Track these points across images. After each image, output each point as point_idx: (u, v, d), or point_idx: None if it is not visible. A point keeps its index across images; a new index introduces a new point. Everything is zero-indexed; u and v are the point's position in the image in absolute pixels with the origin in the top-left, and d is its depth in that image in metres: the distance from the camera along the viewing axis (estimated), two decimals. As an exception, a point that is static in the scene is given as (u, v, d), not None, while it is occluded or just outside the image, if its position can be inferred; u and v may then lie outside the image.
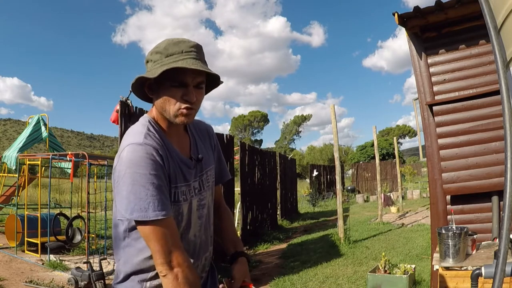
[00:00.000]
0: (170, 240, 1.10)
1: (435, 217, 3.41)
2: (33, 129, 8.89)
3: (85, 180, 6.87)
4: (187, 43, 1.17)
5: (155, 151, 1.13)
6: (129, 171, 1.09)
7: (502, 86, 0.99)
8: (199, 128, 1.41)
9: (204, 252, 1.33)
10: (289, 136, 60.38)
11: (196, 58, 1.15)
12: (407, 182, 20.82)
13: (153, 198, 1.08)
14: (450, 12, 3.21)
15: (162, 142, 1.19)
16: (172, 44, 1.15)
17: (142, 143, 1.13)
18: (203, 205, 1.31)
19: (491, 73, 3.20)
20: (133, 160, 1.10)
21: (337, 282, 4.75)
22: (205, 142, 1.40)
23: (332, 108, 7.69)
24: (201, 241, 1.31)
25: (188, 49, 1.15)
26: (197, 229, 1.29)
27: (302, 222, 11.41)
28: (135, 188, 1.08)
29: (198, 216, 1.29)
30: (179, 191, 1.21)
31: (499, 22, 1.03)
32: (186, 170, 1.25)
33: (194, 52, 1.16)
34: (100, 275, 4.51)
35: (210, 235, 1.37)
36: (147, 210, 1.07)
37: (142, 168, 1.09)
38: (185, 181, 1.23)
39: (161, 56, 1.15)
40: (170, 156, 1.20)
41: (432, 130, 3.44)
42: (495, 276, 0.98)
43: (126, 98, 4.49)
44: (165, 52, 1.14)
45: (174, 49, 1.14)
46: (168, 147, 1.21)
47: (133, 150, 1.11)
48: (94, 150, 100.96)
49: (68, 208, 8.51)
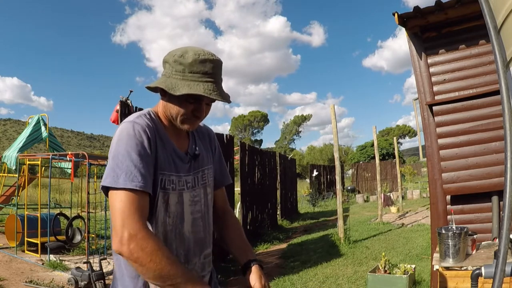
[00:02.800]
0: (130, 212, 1.07)
1: (435, 217, 3.41)
2: (33, 129, 8.89)
3: (85, 180, 6.87)
4: (211, 62, 1.18)
5: (143, 130, 1.17)
6: (115, 143, 1.16)
7: (502, 86, 0.99)
8: (200, 130, 1.45)
9: (202, 250, 1.32)
10: (289, 136, 60.39)
11: (216, 82, 1.19)
12: (407, 182, 20.83)
13: (127, 169, 1.11)
14: (450, 12, 3.21)
15: (158, 130, 1.23)
16: (198, 62, 1.16)
17: (132, 121, 1.18)
18: (197, 201, 1.31)
19: (491, 73, 3.20)
20: (120, 135, 1.16)
21: (337, 282, 4.75)
22: (205, 143, 1.42)
23: (332, 108, 7.69)
24: (197, 239, 1.30)
25: (211, 71, 1.18)
26: (190, 225, 1.28)
27: (302, 222, 11.42)
28: (115, 159, 1.13)
29: (191, 211, 1.29)
30: (167, 179, 1.22)
31: (499, 22, 1.03)
32: (178, 162, 1.27)
33: (215, 74, 1.19)
34: (100, 275, 4.51)
35: (209, 233, 1.36)
36: (118, 178, 1.10)
37: (125, 141, 1.14)
38: (176, 171, 1.25)
39: (184, 70, 1.17)
40: (162, 143, 1.23)
41: (432, 130, 3.44)
42: (495, 276, 0.98)
43: (126, 98, 4.49)
44: (189, 68, 1.16)
45: (198, 68, 1.16)
46: (162, 135, 1.25)
47: (123, 127, 1.18)
48: (94, 150, 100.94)
49: (68, 208, 8.51)
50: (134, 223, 1.07)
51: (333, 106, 7.69)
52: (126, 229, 1.06)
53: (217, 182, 1.46)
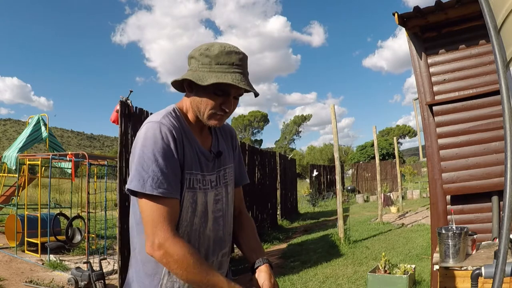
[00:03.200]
0: (160, 220, 1.10)
1: (435, 217, 3.41)
2: (33, 129, 8.89)
3: (85, 180, 6.87)
4: (237, 54, 1.19)
5: (169, 132, 1.16)
6: (139, 146, 1.14)
7: (502, 86, 0.98)
8: (223, 129, 1.44)
9: (221, 249, 1.32)
10: (289, 136, 60.38)
11: (244, 73, 1.19)
12: (407, 182, 20.84)
13: (153, 174, 1.10)
14: (450, 12, 3.20)
15: (183, 128, 1.23)
16: (225, 53, 1.17)
17: (158, 122, 1.17)
18: (218, 200, 1.31)
19: (491, 73, 3.20)
20: (145, 137, 1.14)
21: (337, 282, 4.75)
22: (227, 142, 1.42)
23: (332, 108, 7.69)
24: (217, 237, 1.31)
25: (238, 62, 1.18)
26: (212, 223, 1.29)
27: (302, 222, 11.42)
28: (141, 162, 1.12)
29: (213, 210, 1.29)
30: (194, 178, 1.22)
31: (499, 22, 1.03)
32: (203, 160, 1.27)
33: (242, 66, 1.19)
34: (100, 275, 4.51)
35: (229, 233, 1.37)
36: (145, 183, 1.10)
37: (151, 144, 1.12)
38: (201, 170, 1.25)
39: (210, 62, 1.17)
40: (189, 142, 1.23)
41: (432, 130, 3.44)
42: (495, 276, 0.98)
43: (126, 98, 4.49)
44: (216, 59, 1.17)
45: (225, 59, 1.17)
46: (188, 134, 1.24)
47: (148, 128, 1.16)
48: (94, 150, 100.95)
49: (68, 208, 8.52)
50: (163, 232, 1.10)
51: (333, 106, 7.70)
52: (156, 236, 1.10)
53: (237, 181, 1.46)
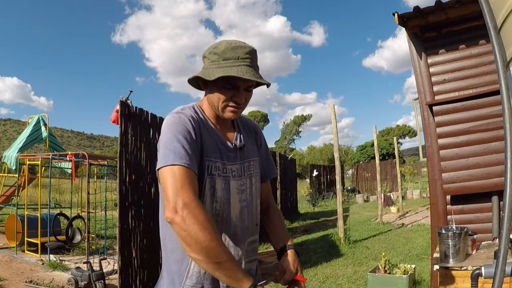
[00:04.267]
0: (182, 184, 1.12)
1: (435, 217, 3.41)
2: (33, 129, 8.89)
3: (85, 180, 6.87)
4: (243, 48, 1.25)
5: (188, 119, 1.24)
6: (162, 134, 1.24)
7: (502, 86, 0.98)
8: (247, 125, 1.51)
9: (248, 237, 1.35)
10: (289, 136, 60.39)
11: (250, 65, 1.24)
12: (407, 182, 20.84)
13: (175, 149, 1.17)
14: (450, 12, 3.20)
15: (202, 121, 1.31)
16: (230, 48, 1.24)
17: (178, 112, 1.27)
18: (243, 190, 1.35)
19: (491, 73, 3.20)
20: (167, 123, 1.24)
21: (337, 282, 4.75)
22: (250, 137, 1.48)
23: (332, 108, 7.69)
24: (244, 226, 1.34)
25: (244, 56, 1.24)
26: (238, 212, 1.32)
27: (302, 222, 11.41)
28: (164, 143, 1.20)
29: (239, 199, 1.33)
30: (213, 165, 1.27)
31: (499, 22, 1.03)
32: (223, 150, 1.32)
33: (249, 59, 1.25)
34: (100, 275, 4.51)
35: (256, 223, 1.40)
36: (167, 157, 1.16)
37: (171, 128, 1.22)
38: (221, 159, 1.30)
39: (218, 58, 1.24)
40: (208, 132, 1.30)
41: (432, 130, 3.44)
42: (495, 276, 0.98)
43: (126, 98, 4.49)
44: (222, 55, 1.24)
45: (231, 54, 1.23)
46: (207, 125, 1.32)
47: (169, 118, 1.26)
48: (94, 150, 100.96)
49: (68, 208, 8.52)
50: (188, 193, 1.11)
51: (333, 106, 7.69)
52: (180, 197, 1.09)
53: (264, 175, 1.51)
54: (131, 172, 4.41)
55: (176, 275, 1.26)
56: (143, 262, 4.46)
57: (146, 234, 4.55)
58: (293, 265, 1.33)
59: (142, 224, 4.52)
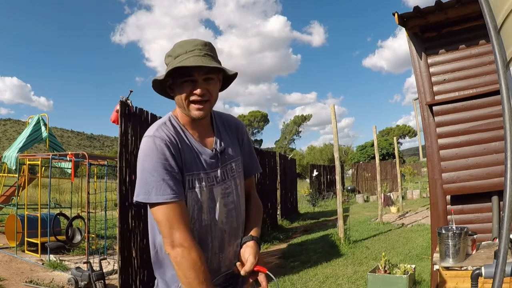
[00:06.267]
0: (174, 222, 1.19)
1: (435, 217, 3.41)
2: (33, 129, 8.89)
3: (85, 180, 6.87)
4: (190, 43, 1.26)
5: (164, 142, 1.24)
6: (140, 160, 1.25)
7: (502, 86, 0.98)
8: (228, 122, 1.49)
9: (236, 239, 1.38)
10: (289, 136, 60.37)
11: (198, 55, 1.24)
12: (407, 182, 20.84)
13: (156, 184, 1.20)
14: (450, 12, 3.20)
15: (180, 134, 1.31)
16: (178, 46, 1.27)
17: (152, 135, 1.26)
18: (229, 193, 1.37)
19: (491, 73, 3.20)
20: (144, 151, 1.25)
21: (337, 282, 4.75)
22: (232, 135, 1.46)
23: (332, 108, 7.69)
24: (231, 229, 1.36)
25: (191, 48, 1.25)
26: (224, 216, 1.35)
27: (302, 222, 11.41)
28: (143, 175, 1.22)
29: (224, 203, 1.35)
30: (195, 179, 1.29)
31: (499, 22, 1.03)
32: (205, 159, 1.33)
33: (198, 50, 1.25)
34: (100, 275, 4.51)
35: (242, 223, 1.42)
36: (150, 194, 1.20)
37: (149, 157, 1.23)
38: (203, 169, 1.32)
39: (171, 59, 1.27)
40: (187, 145, 1.30)
41: (432, 130, 3.44)
42: (495, 276, 0.98)
43: (126, 98, 4.49)
44: (173, 54, 1.27)
45: (179, 51, 1.25)
46: (184, 138, 1.32)
47: (145, 142, 1.26)
48: (94, 150, 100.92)
49: (68, 208, 8.52)
50: (181, 232, 1.19)
51: (333, 106, 7.69)
52: (174, 236, 1.19)
53: (248, 172, 1.51)
54: (131, 172, 4.41)
55: (171, 281, 1.33)
56: (143, 262, 4.46)
57: (146, 234, 4.55)
58: (254, 255, 1.30)
59: (142, 224, 4.53)
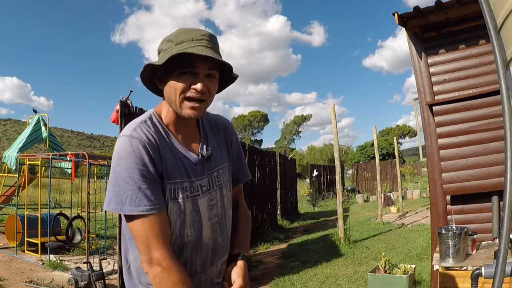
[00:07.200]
0: (151, 238, 1.05)
1: (435, 217, 3.41)
2: (33, 129, 8.89)
3: (85, 180, 6.87)
4: (198, 31, 1.12)
5: (142, 144, 1.07)
6: (114, 163, 1.07)
7: (502, 86, 0.98)
8: (215, 123, 1.32)
9: (221, 256, 1.25)
10: (289, 136, 60.36)
11: (208, 46, 1.09)
12: (407, 182, 20.84)
13: (131, 193, 1.04)
14: (450, 12, 3.21)
15: (161, 135, 1.14)
16: (183, 32, 1.11)
17: (129, 136, 1.08)
18: (213, 205, 1.21)
19: (491, 73, 3.20)
20: (118, 153, 1.07)
21: (337, 282, 4.75)
22: (219, 139, 1.30)
23: (332, 108, 7.69)
24: (217, 244, 1.22)
25: (199, 37, 1.10)
26: (209, 231, 1.20)
27: (302, 222, 11.41)
28: (116, 181, 1.05)
29: (209, 217, 1.20)
30: (179, 187, 1.13)
31: (499, 22, 1.03)
32: (189, 166, 1.17)
33: (206, 40, 1.10)
34: (100, 275, 4.51)
35: (227, 238, 1.28)
36: (123, 204, 1.04)
37: (124, 161, 1.05)
38: (188, 177, 1.15)
39: (171, 45, 1.10)
40: (170, 150, 1.14)
41: (432, 130, 3.44)
42: (495, 276, 0.98)
43: (126, 98, 4.49)
44: (175, 40, 1.10)
45: (184, 37, 1.09)
46: (167, 140, 1.15)
47: (120, 143, 1.08)
48: (94, 150, 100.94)
49: (68, 208, 8.51)
50: (158, 250, 1.05)
51: (333, 106, 7.69)
52: (152, 254, 1.05)
53: (236, 179, 1.36)
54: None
55: None
56: (143, 262, 4.46)
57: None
58: (243, 277, 1.20)
59: (142, 224, 4.52)
